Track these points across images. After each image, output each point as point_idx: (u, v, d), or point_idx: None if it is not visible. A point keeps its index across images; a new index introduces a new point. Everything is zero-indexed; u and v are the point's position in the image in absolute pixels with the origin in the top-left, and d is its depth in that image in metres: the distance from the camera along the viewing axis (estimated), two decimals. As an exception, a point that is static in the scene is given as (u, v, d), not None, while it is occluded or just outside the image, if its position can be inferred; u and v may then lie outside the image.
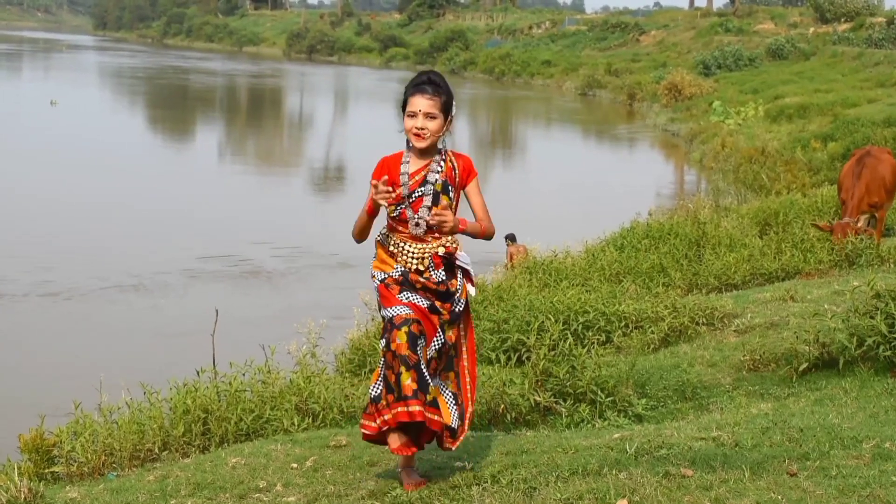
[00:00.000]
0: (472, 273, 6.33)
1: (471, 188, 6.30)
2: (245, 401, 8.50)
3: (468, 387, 6.38)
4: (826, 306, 9.67)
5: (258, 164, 38.45)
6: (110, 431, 8.24)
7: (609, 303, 11.18)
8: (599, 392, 8.33)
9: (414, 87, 6.19)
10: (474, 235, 6.18)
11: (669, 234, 15.91)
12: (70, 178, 30.43)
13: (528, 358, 8.77)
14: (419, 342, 6.04)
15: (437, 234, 6.15)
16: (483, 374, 8.88)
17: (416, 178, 6.16)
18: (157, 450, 8.09)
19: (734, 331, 10.40)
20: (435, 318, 6.14)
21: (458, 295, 6.21)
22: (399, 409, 5.97)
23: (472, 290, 6.33)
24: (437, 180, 6.15)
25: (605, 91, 68.41)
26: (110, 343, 15.79)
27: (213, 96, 69.40)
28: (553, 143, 48.28)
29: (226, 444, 8.01)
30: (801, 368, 8.69)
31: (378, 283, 6.20)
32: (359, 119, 55.29)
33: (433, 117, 6.12)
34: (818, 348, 8.76)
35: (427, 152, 6.20)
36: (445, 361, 6.24)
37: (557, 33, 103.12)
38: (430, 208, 6.11)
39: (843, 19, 74.40)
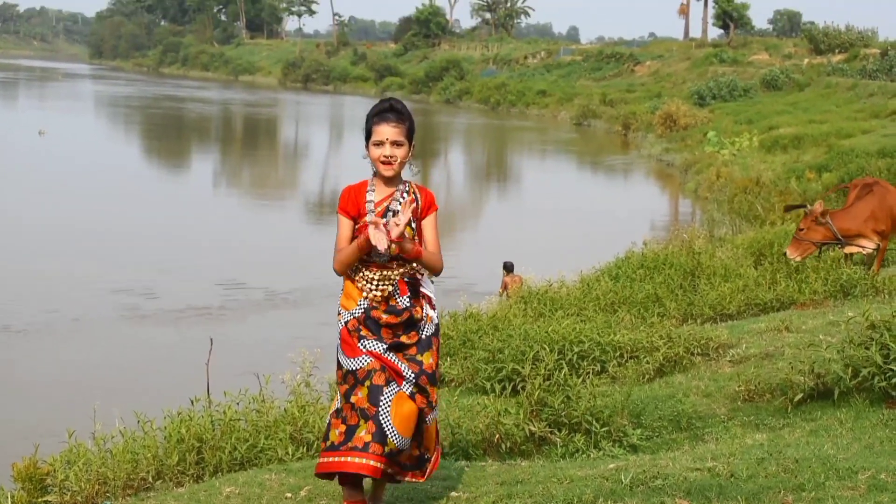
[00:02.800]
0: (434, 301, 6.30)
1: (427, 221, 6.23)
2: (239, 430, 8.47)
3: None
4: (821, 337, 9.68)
5: (252, 193, 38.49)
6: (104, 460, 8.22)
7: (604, 333, 11.17)
8: (594, 422, 8.32)
9: (377, 116, 6.17)
10: (426, 265, 6.14)
11: (664, 264, 15.90)
12: (55, 205, 30.41)
13: (523, 388, 8.77)
14: (382, 394, 6.03)
15: (400, 262, 6.12)
16: (478, 403, 8.87)
17: (381, 206, 6.14)
18: (150, 479, 8.06)
19: (729, 361, 10.39)
20: (399, 356, 6.12)
21: (423, 322, 6.18)
22: (349, 458, 5.96)
23: (433, 315, 6.28)
24: (399, 210, 6.14)
25: (600, 121, 68.54)
26: (104, 372, 15.75)
27: (209, 125, 69.49)
28: (548, 172, 48.34)
29: (220, 474, 7.97)
30: (796, 399, 8.68)
31: (342, 325, 6.18)
32: (353, 148, 55.32)
33: (399, 144, 6.12)
34: (813, 379, 8.75)
35: (392, 181, 6.19)
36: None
37: (553, 63, 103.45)
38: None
39: (837, 50, 74.74)
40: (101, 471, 8.06)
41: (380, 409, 6.00)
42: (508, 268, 18.67)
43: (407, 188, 6.23)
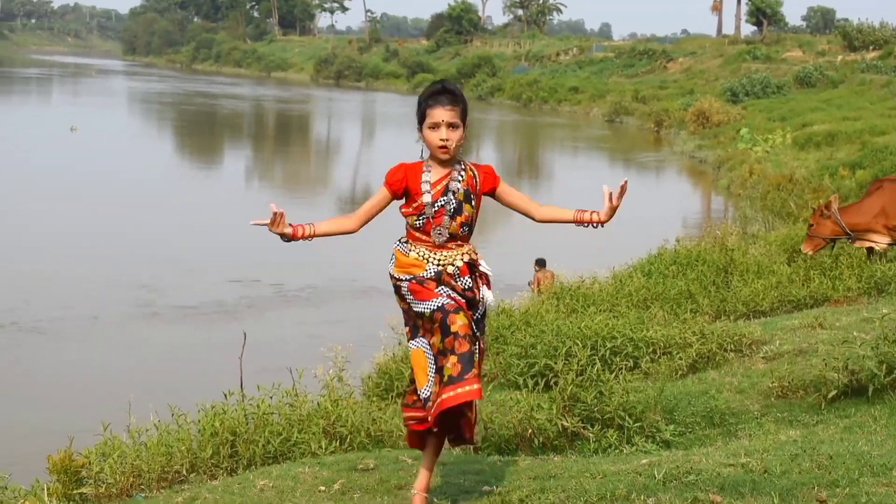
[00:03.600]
0: (491, 279, 6.28)
1: (503, 189, 6.28)
2: (273, 423, 8.50)
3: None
4: (855, 333, 9.64)
5: (285, 189, 38.54)
6: (138, 453, 8.27)
7: (637, 329, 11.15)
8: (627, 417, 8.31)
9: (431, 98, 6.06)
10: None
11: (697, 260, 15.88)
12: (85, 202, 30.55)
13: (556, 383, 8.77)
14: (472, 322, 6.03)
15: (459, 242, 6.11)
16: (511, 398, 8.88)
17: (438, 187, 6.07)
18: (185, 471, 8.10)
19: (762, 357, 10.37)
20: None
21: (479, 304, 6.17)
22: (460, 389, 5.79)
23: (489, 296, 6.22)
24: (458, 189, 6.08)
25: (633, 118, 68.33)
26: (139, 367, 15.83)
27: (241, 122, 69.65)
28: (580, 169, 48.24)
29: (253, 467, 8.00)
30: (829, 395, 8.66)
31: (407, 282, 6.04)
32: (385, 144, 55.37)
33: (455, 127, 6.02)
34: (847, 375, 8.72)
35: (448, 162, 6.11)
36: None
37: (585, 60, 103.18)
38: (451, 217, 6.05)
39: (871, 47, 74.33)
40: (136, 463, 8.11)
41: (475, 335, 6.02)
42: (540, 263, 18.65)
43: (464, 167, 6.16)
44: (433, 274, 6.03)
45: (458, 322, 5.88)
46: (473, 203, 6.16)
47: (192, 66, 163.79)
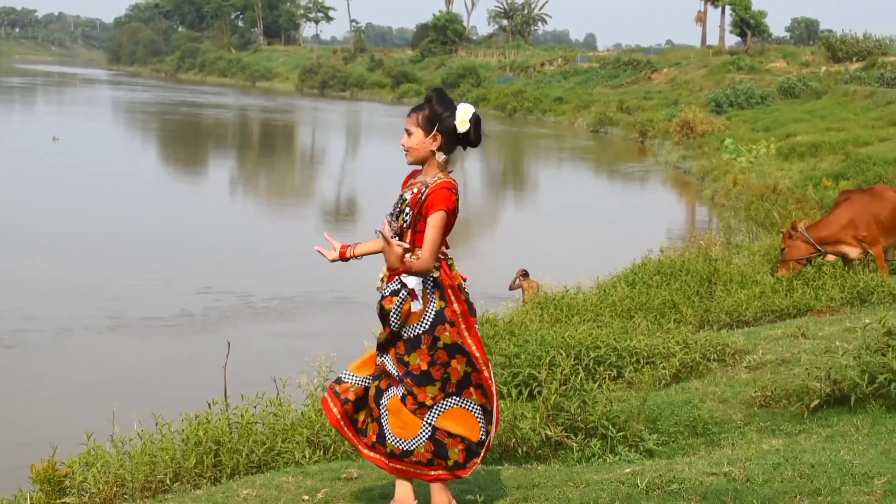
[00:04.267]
0: (419, 294, 6.24)
1: (428, 220, 6.12)
2: (257, 433, 8.51)
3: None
4: (837, 343, 9.69)
5: (268, 200, 38.58)
6: (122, 462, 8.26)
7: (620, 338, 11.17)
8: (611, 427, 8.33)
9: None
10: (414, 273, 6.09)
11: (681, 270, 15.92)
12: (63, 211, 30.51)
13: (540, 392, 8.78)
14: (383, 397, 6.23)
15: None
16: (494, 408, 8.89)
17: (406, 186, 6.32)
18: (168, 481, 8.10)
19: (745, 367, 10.40)
20: (391, 354, 6.22)
21: (393, 314, 6.18)
22: (364, 450, 6.32)
23: (417, 308, 6.23)
24: (405, 199, 6.20)
25: (617, 128, 68.44)
26: (123, 376, 15.81)
27: (226, 131, 69.62)
28: (565, 179, 48.36)
29: (237, 476, 8.00)
30: (812, 405, 8.69)
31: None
32: (370, 154, 55.45)
33: (409, 133, 6.21)
34: (829, 385, 8.76)
35: (422, 169, 6.31)
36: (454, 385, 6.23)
37: (569, 70, 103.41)
38: (395, 217, 6.21)
39: (854, 58, 74.65)
40: (119, 473, 8.11)
41: (381, 412, 6.14)
42: (525, 274, 18.69)
43: (431, 181, 6.19)
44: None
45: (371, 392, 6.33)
46: (407, 218, 6.18)
47: (177, 75, 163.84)
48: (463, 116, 6.21)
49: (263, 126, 75.40)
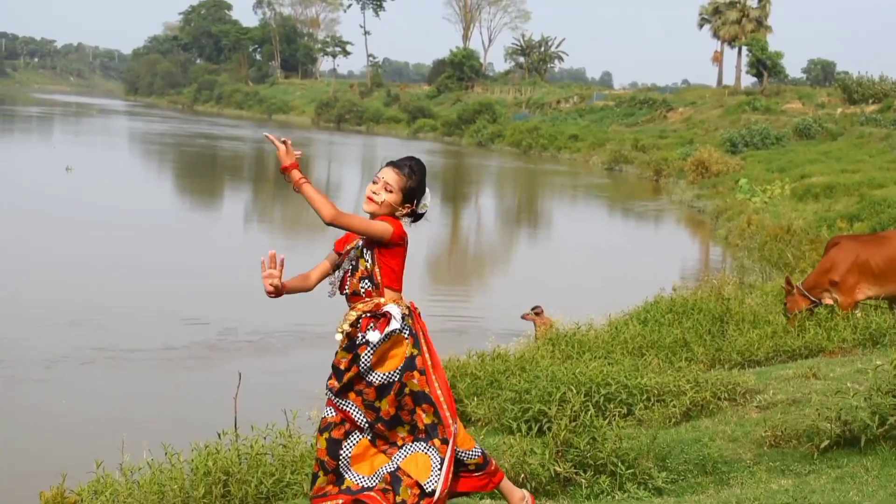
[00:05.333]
0: (395, 322, 6.30)
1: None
2: (266, 464, 8.53)
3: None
4: (849, 384, 9.66)
5: (284, 231, 38.62)
6: (131, 491, 8.28)
7: (631, 376, 11.14)
8: (620, 464, 8.32)
9: (390, 162, 6.58)
10: (310, 199, 6.36)
11: (693, 309, 15.90)
12: (74, 244, 30.56)
13: (549, 428, 8.77)
14: (341, 448, 6.23)
15: (363, 299, 6.39)
16: (504, 443, 8.89)
17: (351, 242, 6.50)
18: (176, 511, 8.12)
19: (756, 406, 10.37)
20: (357, 400, 6.30)
21: (365, 360, 6.25)
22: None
23: (372, 337, 6.31)
24: (359, 245, 6.34)
25: (632, 166, 68.51)
26: (133, 406, 15.80)
27: (241, 164, 69.79)
28: (579, 217, 48.37)
29: (246, 507, 8.03)
30: (822, 445, 8.67)
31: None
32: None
33: (390, 191, 6.38)
34: (840, 426, 8.73)
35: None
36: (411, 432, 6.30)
37: (585, 108, 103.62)
38: (345, 273, 6.46)
39: (870, 100, 74.63)
40: (128, 501, 8.14)
41: (339, 462, 6.21)
42: (537, 311, 18.68)
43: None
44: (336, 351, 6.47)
45: (318, 445, 6.37)
46: (367, 257, 6.45)
47: (194, 107, 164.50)
48: (427, 202, 6.56)
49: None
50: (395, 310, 6.25)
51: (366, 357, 6.22)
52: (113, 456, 8.93)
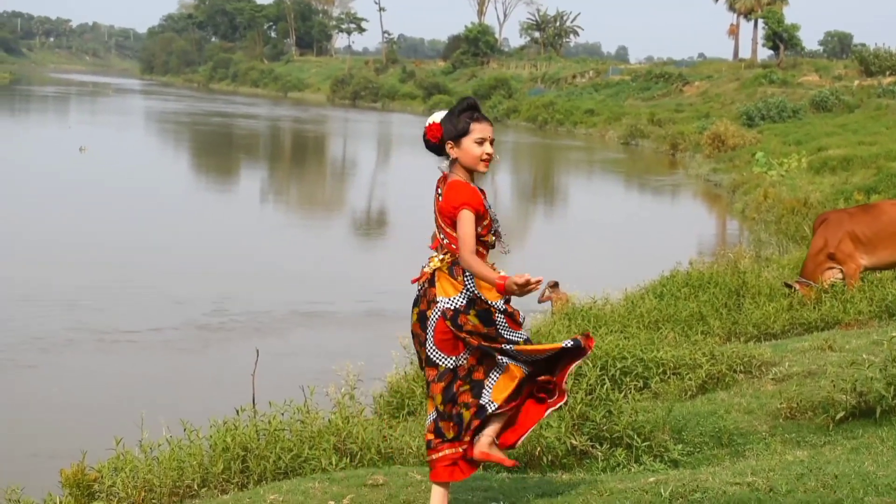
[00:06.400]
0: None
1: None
2: (284, 440, 8.58)
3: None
4: (864, 356, 9.66)
5: (299, 210, 38.70)
6: (150, 468, 8.35)
7: (647, 349, 11.17)
8: (636, 437, 8.35)
9: (476, 113, 6.31)
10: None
11: (709, 282, 15.90)
12: (93, 223, 30.67)
13: (566, 402, 8.81)
14: (483, 387, 6.23)
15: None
16: (520, 417, 8.93)
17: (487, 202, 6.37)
18: (196, 486, 8.18)
19: (772, 379, 10.40)
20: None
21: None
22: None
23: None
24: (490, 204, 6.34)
25: (648, 141, 68.34)
26: (152, 383, 15.89)
27: (257, 142, 69.84)
28: (595, 191, 48.35)
29: (264, 482, 8.08)
30: (837, 417, 8.70)
31: (437, 315, 6.24)
32: (401, 166, 55.50)
33: (493, 141, 6.29)
34: (855, 397, 8.76)
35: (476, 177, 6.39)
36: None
37: (601, 83, 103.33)
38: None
39: (888, 72, 74.36)
40: (148, 478, 8.20)
41: (482, 399, 6.19)
42: (554, 285, 18.67)
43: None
44: (464, 300, 6.25)
45: (462, 391, 6.27)
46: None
47: (209, 85, 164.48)
48: None
49: (295, 137, 75.67)
50: None
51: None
52: (132, 433, 9.00)
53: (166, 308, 20.35)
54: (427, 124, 6.38)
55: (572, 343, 6.25)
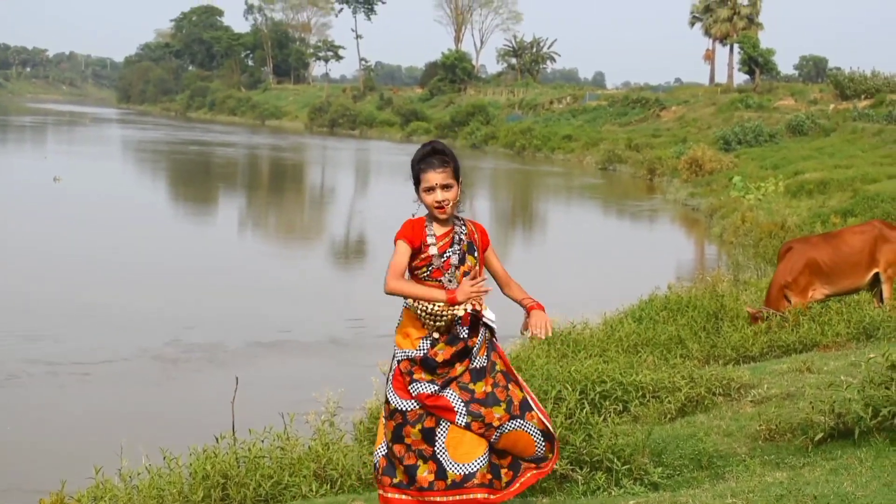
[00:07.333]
0: (495, 329, 6.50)
1: (490, 253, 6.63)
2: (264, 467, 8.57)
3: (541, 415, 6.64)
4: (842, 377, 9.69)
5: (277, 238, 38.64)
6: (130, 496, 8.33)
7: (626, 373, 11.19)
8: (616, 460, 8.35)
9: (423, 162, 6.40)
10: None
11: (688, 306, 15.96)
12: (75, 241, 30.58)
13: (545, 426, 8.81)
14: (435, 435, 6.25)
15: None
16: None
17: (444, 240, 6.39)
18: (176, 514, 8.16)
19: (751, 401, 10.42)
20: (453, 387, 6.27)
21: (475, 351, 6.33)
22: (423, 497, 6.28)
23: (491, 316, 6.55)
24: (462, 241, 6.33)
25: (626, 166, 68.53)
26: (132, 411, 15.84)
27: (235, 170, 69.77)
28: (573, 217, 48.41)
29: (244, 510, 8.06)
30: (816, 438, 8.72)
31: (395, 364, 6.40)
32: (379, 193, 55.49)
33: (449, 187, 6.34)
34: (834, 418, 8.78)
35: (447, 220, 6.41)
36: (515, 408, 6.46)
37: (578, 108, 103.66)
38: (457, 267, 6.34)
39: (863, 96, 74.75)
40: (127, 506, 8.17)
41: (436, 448, 6.20)
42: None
43: (463, 223, 6.54)
44: (422, 353, 6.32)
45: (412, 437, 6.32)
46: (476, 256, 6.52)
47: (187, 114, 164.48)
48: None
49: (273, 165, 75.60)
50: (492, 316, 6.67)
51: (476, 351, 6.37)
52: (111, 463, 8.97)
53: (139, 337, 20.25)
54: None
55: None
